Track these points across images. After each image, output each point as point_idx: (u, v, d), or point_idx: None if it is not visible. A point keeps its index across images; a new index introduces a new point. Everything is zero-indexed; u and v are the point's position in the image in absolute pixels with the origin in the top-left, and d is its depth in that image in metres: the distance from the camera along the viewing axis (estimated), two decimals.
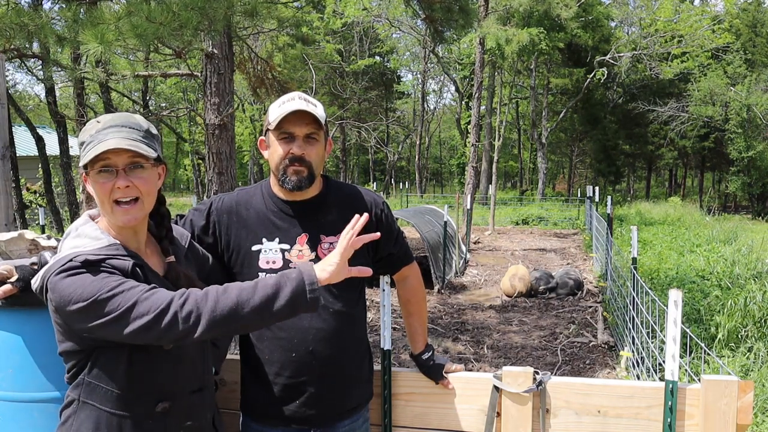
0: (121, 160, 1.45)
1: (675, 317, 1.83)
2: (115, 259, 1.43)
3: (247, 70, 6.24)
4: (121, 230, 1.52)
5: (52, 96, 12.24)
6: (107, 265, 1.40)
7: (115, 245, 1.47)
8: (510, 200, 26.29)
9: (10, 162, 2.78)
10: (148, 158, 1.48)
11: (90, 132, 1.47)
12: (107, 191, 1.45)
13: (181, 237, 1.72)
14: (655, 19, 26.95)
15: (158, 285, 1.44)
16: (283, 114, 1.72)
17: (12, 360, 1.63)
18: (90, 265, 1.38)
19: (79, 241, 1.47)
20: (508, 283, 8.63)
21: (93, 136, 1.45)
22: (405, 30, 28.80)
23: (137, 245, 1.56)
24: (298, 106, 1.71)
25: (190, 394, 1.58)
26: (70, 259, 1.39)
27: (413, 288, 2.08)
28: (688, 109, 28.72)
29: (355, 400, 1.91)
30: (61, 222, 12.68)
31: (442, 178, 51.81)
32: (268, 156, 1.83)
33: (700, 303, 6.20)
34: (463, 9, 6.39)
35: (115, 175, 1.45)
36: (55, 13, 4.01)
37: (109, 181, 1.45)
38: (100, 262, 1.40)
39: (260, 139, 1.87)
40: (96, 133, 1.45)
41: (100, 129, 1.46)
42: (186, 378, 1.57)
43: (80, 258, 1.39)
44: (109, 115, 1.50)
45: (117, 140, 1.43)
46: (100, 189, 1.46)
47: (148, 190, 1.50)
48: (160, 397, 1.50)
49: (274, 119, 1.74)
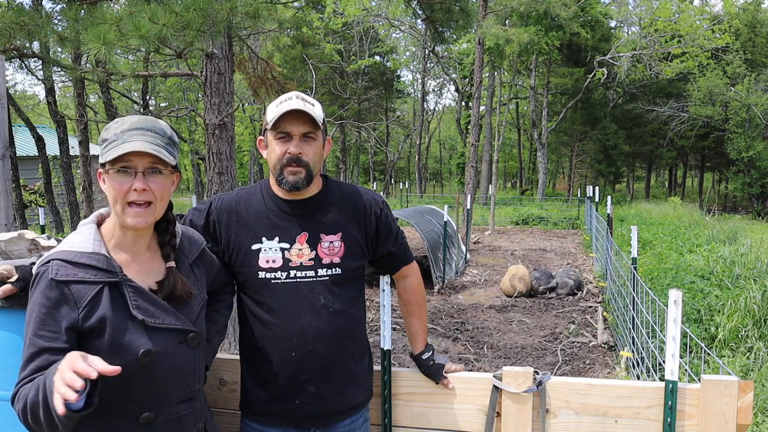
0: (141, 163, 1.46)
1: (675, 316, 1.84)
2: (84, 282, 1.44)
3: (247, 70, 6.24)
4: (125, 231, 1.52)
5: (52, 96, 12.24)
6: (65, 294, 1.42)
7: (97, 256, 1.47)
8: (510, 200, 26.29)
9: (10, 162, 2.78)
10: (167, 164, 1.50)
11: (114, 131, 1.47)
12: (123, 192, 1.46)
13: (192, 244, 1.71)
14: (654, 19, 26.96)
15: (139, 300, 1.48)
16: (279, 113, 1.72)
17: (12, 360, 1.63)
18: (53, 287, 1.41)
19: (73, 238, 1.50)
20: (508, 283, 8.64)
21: (117, 136, 1.46)
22: (405, 30, 28.81)
23: (137, 249, 1.56)
24: (295, 106, 1.72)
25: (178, 403, 1.55)
26: (48, 260, 1.44)
27: (413, 288, 2.08)
28: (687, 109, 28.73)
29: (355, 399, 1.91)
30: (61, 222, 12.68)
31: (442, 178, 51.82)
32: (266, 155, 1.84)
33: (700, 303, 6.20)
34: (463, 9, 6.39)
35: (133, 176, 1.46)
36: (56, 12, 4.01)
37: (127, 183, 1.46)
38: (64, 283, 1.42)
39: (259, 138, 1.88)
40: (121, 132, 1.46)
41: (125, 129, 1.47)
42: (172, 388, 1.54)
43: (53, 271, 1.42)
44: (135, 117, 1.52)
45: (141, 143, 1.44)
46: (116, 188, 1.46)
47: (162, 195, 1.51)
48: (141, 408, 1.48)
49: (272, 119, 1.75)
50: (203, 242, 1.76)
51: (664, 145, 33.69)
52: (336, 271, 1.84)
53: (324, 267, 1.82)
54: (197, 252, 1.71)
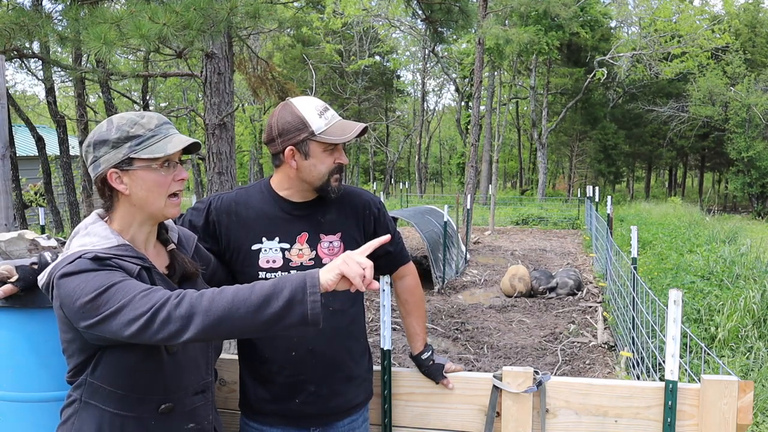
0: (176, 155, 1.51)
1: (675, 316, 1.84)
2: (124, 260, 1.43)
3: (247, 70, 6.24)
4: (143, 225, 1.54)
5: (52, 96, 12.23)
6: (114, 264, 1.40)
7: (125, 246, 1.47)
8: (510, 200, 26.28)
9: (10, 162, 2.78)
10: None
11: (146, 126, 1.48)
12: (167, 184, 1.50)
13: (187, 240, 1.73)
14: (654, 18, 26.99)
15: (164, 287, 1.44)
16: (332, 124, 1.77)
17: (13, 360, 1.63)
18: (98, 260, 1.38)
19: (87, 240, 1.46)
20: (508, 283, 8.64)
21: (152, 131, 1.47)
22: (405, 30, 28.81)
23: (148, 243, 1.58)
24: (339, 119, 1.80)
25: (193, 395, 1.58)
26: (79, 256, 1.39)
27: (411, 288, 2.08)
28: (687, 109, 28.74)
29: (355, 398, 1.92)
30: (61, 222, 12.67)
31: (442, 178, 51.82)
32: (301, 165, 1.78)
33: (700, 303, 6.20)
34: (463, 10, 6.40)
35: (173, 168, 1.51)
36: (56, 12, 4.01)
37: (170, 175, 1.50)
38: (108, 259, 1.40)
39: (290, 147, 1.77)
40: (155, 128, 1.48)
41: (158, 124, 1.49)
42: (189, 379, 1.56)
43: (89, 255, 1.39)
44: (149, 113, 1.53)
45: (183, 138, 1.50)
46: (161, 182, 1.49)
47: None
48: (163, 398, 1.50)
49: (322, 128, 1.75)
50: (195, 237, 1.78)
51: (664, 145, 33.73)
52: None
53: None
54: (193, 246, 1.73)
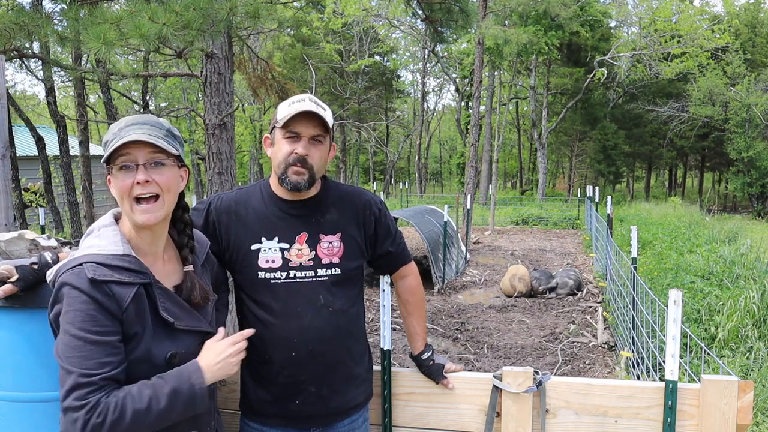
0: (141, 156, 1.45)
1: (675, 316, 1.84)
2: (121, 283, 1.41)
3: (247, 70, 6.24)
4: (140, 232, 1.51)
5: (52, 96, 12.22)
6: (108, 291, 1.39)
7: (129, 258, 1.45)
8: (510, 200, 26.27)
9: (10, 162, 2.78)
10: (168, 154, 1.48)
11: (112, 131, 1.47)
12: (127, 187, 1.44)
13: (201, 245, 1.72)
14: (654, 18, 26.98)
15: (166, 303, 1.48)
16: (292, 113, 1.73)
17: (12, 360, 1.63)
18: (94, 285, 1.38)
19: (97, 242, 1.46)
20: (508, 283, 8.64)
21: (115, 134, 1.46)
22: (405, 30, 28.81)
23: (155, 250, 1.55)
24: (308, 108, 1.73)
25: None
26: (80, 264, 1.39)
27: (412, 288, 2.08)
28: (687, 109, 28.73)
29: (355, 399, 1.92)
30: (61, 222, 12.66)
31: (442, 178, 51.81)
32: (271, 153, 1.84)
33: (700, 303, 6.20)
34: (462, 9, 6.40)
35: (135, 171, 1.44)
36: (56, 12, 4.01)
37: (129, 178, 1.44)
38: (105, 283, 1.39)
39: (265, 135, 1.88)
40: (118, 131, 1.46)
41: (122, 127, 1.47)
42: None
43: (90, 270, 1.39)
44: (132, 116, 1.52)
45: (137, 135, 1.43)
46: (120, 185, 1.45)
47: (168, 186, 1.48)
48: None
49: (283, 117, 1.75)
50: (208, 242, 1.77)
51: (664, 145, 33.71)
52: (335, 271, 1.84)
53: (323, 267, 1.83)
54: (205, 252, 1.72)
